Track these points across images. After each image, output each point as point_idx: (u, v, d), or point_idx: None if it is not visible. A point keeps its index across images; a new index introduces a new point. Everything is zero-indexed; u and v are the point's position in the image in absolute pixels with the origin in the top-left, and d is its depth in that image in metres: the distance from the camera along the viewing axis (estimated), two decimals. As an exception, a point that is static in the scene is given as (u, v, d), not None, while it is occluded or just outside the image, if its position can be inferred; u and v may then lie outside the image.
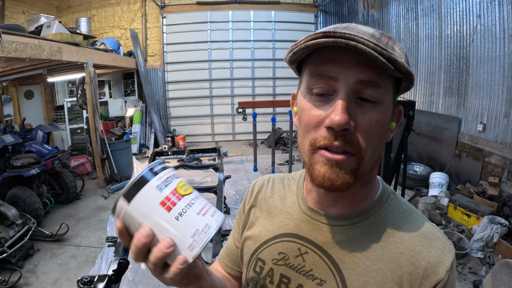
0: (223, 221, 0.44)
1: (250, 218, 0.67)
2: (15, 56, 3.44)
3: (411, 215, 0.54)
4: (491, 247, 3.10)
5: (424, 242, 0.50)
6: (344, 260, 0.51)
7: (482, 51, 3.94)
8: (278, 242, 0.58)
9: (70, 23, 7.90)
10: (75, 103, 6.33)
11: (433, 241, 0.50)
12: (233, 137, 8.75)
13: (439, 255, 0.49)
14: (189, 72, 8.34)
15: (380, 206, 0.54)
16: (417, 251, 0.49)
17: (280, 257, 0.57)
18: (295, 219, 0.58)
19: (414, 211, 0.55)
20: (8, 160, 4.05)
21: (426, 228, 0.52)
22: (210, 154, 4.71)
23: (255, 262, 0.60)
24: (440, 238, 0.51)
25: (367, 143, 0.46)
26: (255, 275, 0.59)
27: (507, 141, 3.63)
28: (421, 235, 0.51)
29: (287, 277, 0.55)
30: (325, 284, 0.52)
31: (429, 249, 0.49)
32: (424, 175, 4.82)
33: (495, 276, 1.87)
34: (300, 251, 0.55)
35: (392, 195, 0.56)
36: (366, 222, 0.53)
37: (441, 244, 0.50)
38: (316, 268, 0.53)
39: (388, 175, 3.08)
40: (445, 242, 0.51)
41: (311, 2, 8.45)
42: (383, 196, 0.55)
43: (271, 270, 0.57)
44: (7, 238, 3.00)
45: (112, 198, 4.85)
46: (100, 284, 1.51)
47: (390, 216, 0.53)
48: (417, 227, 0.52)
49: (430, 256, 0.49)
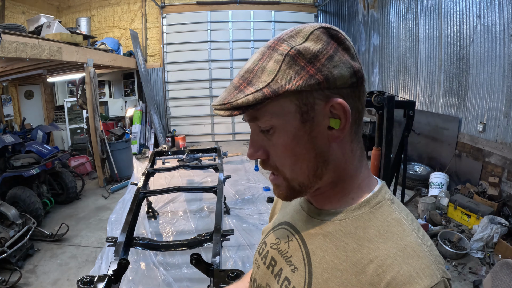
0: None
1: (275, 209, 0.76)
2: (15, 56, 3.44)
3: (400, 225, 0.48)
4: (491, 247, 3.10)
5: (399, 256, 0.44)
6: (315, 253, 0.52)
7: (482, 51, 3.94)
8: (279, 228, 0.64)
9: (70, 23, 7.91)
10: (75, 103, 6.33)
11: (410, 258, 0.44)
12: (233, 137, 8.75)
13: (411, 275, 0.42)
14: (189, 72, 8.35)
15: (365, 209, 0.51)
16: (387, 264, 0.44)
17: (275, 242, 0.62)
18: (293, 210, 0.63)
19: (404, 223, 0.49)
20: (8, 160, 4.05)
21: (410, 243, 0.46)
22: (210, 154, 4.71)
23: (261, 244, 0.67)
24: (422, 258, 0.44)
25: (281, 163, 0.52)
26: (258, 255, 0.66)
27: (507, 141, 3.63)
28: (399, 248, 0.45)
29: (275, 260, 0.60)
30: (297, 271, 0.54)
31: (401, 265, 0.44)
32: (424, 175, 4.82)
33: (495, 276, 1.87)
34: (288, 237, 0.59)
35: (386, 202, 0.52)
36: (346, 222, 0.51)
37: (420, 265, 0.43)
38: (294, 256, 0.56)
39: (388, 175, 3.09)
40: (428, 265, 0.43)
41: (311, 2, 8.45)
42: (373, 200, 0.52)
43: (267, 252, 0.63)
44: (7, 238, 3.01)
45: (112, 198, 4.85)
46: (100, 284, 1.51)
47: (374, 221, 0.49)
48: (399, 239, 0.46)
49: (399, 272, 0.43)
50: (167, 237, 3.55)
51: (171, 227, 3.75)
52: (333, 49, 0.47)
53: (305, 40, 0.47)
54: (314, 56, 0.45)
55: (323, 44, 0.46)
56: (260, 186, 5.02)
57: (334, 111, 0.48)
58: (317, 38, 0.47)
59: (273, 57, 0.47)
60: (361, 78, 0.49)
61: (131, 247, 2.25)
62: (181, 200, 4.47)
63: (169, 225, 3.81)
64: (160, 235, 3.61)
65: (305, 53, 0.45)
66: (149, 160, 4.08)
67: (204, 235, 2.26)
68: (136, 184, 3.23)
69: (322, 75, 0.45)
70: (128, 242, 2.20)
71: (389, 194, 0.54)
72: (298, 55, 0.45)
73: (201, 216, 4.03)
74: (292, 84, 0.45)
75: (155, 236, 3.57)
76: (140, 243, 2.25)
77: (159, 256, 3.08)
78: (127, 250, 2.20)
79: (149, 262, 3.00)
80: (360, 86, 0.50)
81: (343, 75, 0.46)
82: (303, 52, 0.45)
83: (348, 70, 0.47)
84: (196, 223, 3.82)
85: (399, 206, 0.52)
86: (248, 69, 0.48)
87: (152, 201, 4.08)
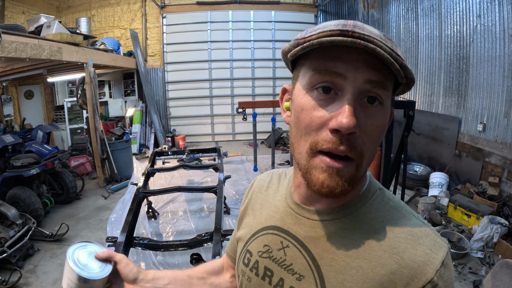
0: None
1: (246, 210, 0.70)
2: (15, 56, 3.43)
3: (398, 211, 0.51)
4: (491, 247, 3.10)
5: (410, 239, 0.47)
6: (322, 256, 0.50)
7: (482, 51, 3.93)
8: (264, 234, 0.59)
9: (70, 23, 7.90)
10: (75, 103, 6.33)
11: (420, 238, 0.47)
12: (233, 137, 8.74)
13: (427, 253, 0.45)
14: (189, 72, 8.34)
15: (364, 202, 0.51)
16: (402, 249, 0.46)
17: (264, 250, 0.57)
18: (280, 212, 0.59)
19: (401, 208, 0.52)
20: (8, 160, 4.05)
21: (413, 225, 0.48)
22: (210, 154, 4.70)
23: (245, 254, 0.61)
24: (429, 235, 0.47)
25: (367, 148, 0.45)
26: (243, 266, 0.61)
27: (507, 141, 3.63)
28: (407, 232, 0.47)
29: (271, 270, 0.55)
30: (304, 279, 0.51)
31: (415, 247, 0.46)
32: (424, 175, 4.82)
33: (495, 276, 1.87)
34: (282, 244, 0.55)
35: (378, 191, 0.54)
36: (348, 218, 0.50)
37: (429, 242, 0.46)
38: (296, 263, 0.53)
39: (388, 175, 3.08)
40: (435, 240, 0.47)
41: (311, 2, 8.45)
42: (368, 192, 0.53)
43: (256, 262, 0.58)
44: (7, 238, 3.00)
45: (112, 198, 4.85)
46: (100, 284, 1.51)
47: (375, 213, 0.50)
48: (403, 224, 0.49)
49: (416, 254, 0.45)
50: (167, 237, 3.55)
51: (171, 227, 3.74)
52: None
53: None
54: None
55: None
56: (260, 186, 5.01)
57: (389, 118, 0.49)
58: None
59: (398, 49, 0.45)
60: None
61: (131, 247, 2.24)
62: (181, 200, 4.47)
63: (169, 225, 3.81)
64: (160, 235, 3.61)
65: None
66: (149, 160, 4.08)
67: (204, 235, 2.26)
68: (136, 184, 3.22)
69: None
70: (128, 242, 2.20)
71: (378, 184, 0.56)
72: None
73: (201, 216, 4.03)
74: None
75: (155, 236, 3.57)
76: (140, 243, 2.25)
77: (159, 256, 3.08)
78: (127, 250, 2.20)
79: (149, 262, 3.00)
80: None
81: None
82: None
83: None
84: (196, 223, 3.82)
85: (389, 193, 0.55)
86: (381, 36, 0.44)
87: (152, 201, 4.08)
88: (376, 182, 0.56)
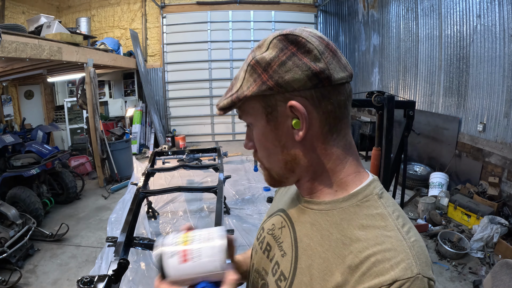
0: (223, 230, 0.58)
1: (276, 195, 0.80)
2: (15, 56, 3.44)
3: (382, 220, 0.49)
4: (491, 247, 3.10)
5: (376, 248, 0.46)
6: (302, 240, 0.55)
7: (482, 51, 3.94)
8: (275, 215, 0.67)
9: (70, 23, 7.91)
10: (75, 103, 6.33)
11: (387, 251, 0.45)
12: (233, 137, 8.75)
13: (386, 269, 0.43)
14: (189, 72, 8.35)
15: (353, 202, 0.52)
16: (365, 257, 0.46)
17: (271, 228, 0.66)
18: (291, 198, 0.66)
19: (387, 218, 0.49)
20: (8, 160, 4.05)
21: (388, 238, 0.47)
22: (210, 154, 4.71)
23: (260, 230, 0.71)
24: (400, 253, 0.45)
25: (261, 155, 0.59)
26: (256, 240, 0.70)
27: (507, 141, 3.63)
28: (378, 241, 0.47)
29: (270, 245, 0.64)
30: (285, 256, 0.57)
31: (377, 253, 0.45)
32: (424, 175, 4.82)
33: (495, 276, 1.87)
34: (281, 224, 0.63)
35: (373, 196, 0.53)
36: (333, 212, 0.53)
37: (395, 258, 0.44)
38: (285, 241, 0.59)
39: (388, 175, 3.09)
40: (404, 259, 0.44)
41: (311, 2, 8.45)
42: (360, 194, 0.53)
43: (264, 238, 0.67)
44: (7, 238, 3.01)
45: (112, 198, 4.85)
46: (100, 284, 1.51)
47: (359, 214, 0.51)
48: (379, 234, 0.47)
49: (374, 255, 0.45)
50: (167, 237, 3.55)
51: (171, 227, 3.75)
52: (287, 55, 0.49)
53: (266, 50, 0.51)
54: (268, 64, 0.50)
55: (276, 52, 0.50)
56: (260, 186, 5.02)
57: (295, 112, 0.51)
58: (274, 46, 0.50)
59: (243, 67, 0.54)
60: (326, 79, 0.49)
61: (131, 247, 2.25)
62: (181, 200, 4.47)
63: (169, 225, 3.81)
64: (160, 235, 3.61)
65: (261, 62, 0.50)
66: (149, 160, 4.08)
67: (204, 235, 2.26)
68: (136, 184, 3.23)
69: (273, 81, 0.49)
70: (128, 242, 2.20)
71: (378, 189, 0.54)
72: (256, 64, 0.51)
73: (201, 216, 4.03)
74: (249, 90, 0.51)
75: (155, 236, 3.57)
76: (140, 243, 2.25)
77: (159, 256, 3.07)
78: (127, 250, 2.20)
79: (149, 262, 3.00)
80: (327, 86, 0.50)
81: (297, 78, 0.48)
82: (260, 61, 0.50)
83: (305, 73, 0.48)
84: (196, 223, 3.82)
85: (387, 201, 0.53)
86: (235, 75, 0.57)
87: (152, 201, 4.08)
88: (377, 187, 0.54)
